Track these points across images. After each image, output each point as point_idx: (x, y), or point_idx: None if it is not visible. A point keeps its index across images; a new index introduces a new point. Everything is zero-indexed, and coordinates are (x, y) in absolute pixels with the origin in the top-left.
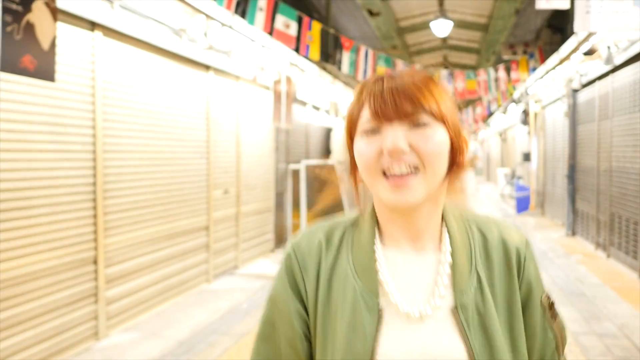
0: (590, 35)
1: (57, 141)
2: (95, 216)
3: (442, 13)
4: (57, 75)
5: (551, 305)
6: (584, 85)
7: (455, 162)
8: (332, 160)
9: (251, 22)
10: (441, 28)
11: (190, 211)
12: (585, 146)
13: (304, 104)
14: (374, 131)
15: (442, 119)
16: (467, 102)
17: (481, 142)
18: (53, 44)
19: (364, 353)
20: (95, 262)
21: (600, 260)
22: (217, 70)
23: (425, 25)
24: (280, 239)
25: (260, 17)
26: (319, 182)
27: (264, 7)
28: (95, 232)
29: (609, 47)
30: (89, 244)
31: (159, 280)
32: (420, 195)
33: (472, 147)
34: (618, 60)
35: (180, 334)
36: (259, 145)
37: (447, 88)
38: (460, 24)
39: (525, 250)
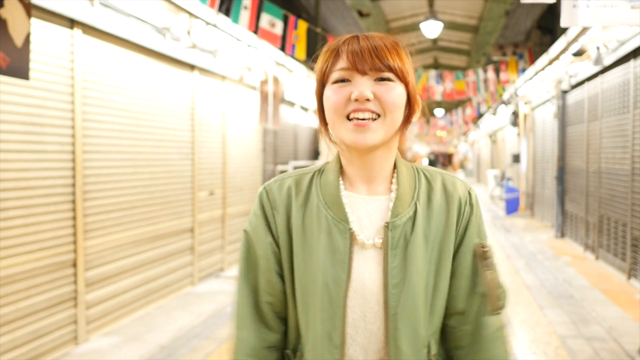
0: (579, 35)
1: (34, 141)
2: (74, 218)
3: (432, 14)
4: (32, 74)
5: (484, 256)
6: (573, 87)
7: (408, 117)
8: (321, 161)
9: (235, 20)
10: (431, 29)
11: (174, 213)
12: (575, 148)
13: (291, 104)
14: (344, 81)
15: (403, 78)
16: (457, 103)
17: (471, 144)
18: (27, 41)
19: (342, 270)
20: (74, 265)
21: (589, 262)
22: (202, 70)
23: (415, 27)
24: None
25: (245, 15)
26: None
27: (249, 6)
28: (74, 234)
29: (598, 48)
30: (68, 247)
31: (141, 283)
32: (378, 138)
33: (462, 149)
34: (607, 61)
35: (162, 338)
36: (245, 146)
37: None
38: (450, 25)
39: (468, 199)
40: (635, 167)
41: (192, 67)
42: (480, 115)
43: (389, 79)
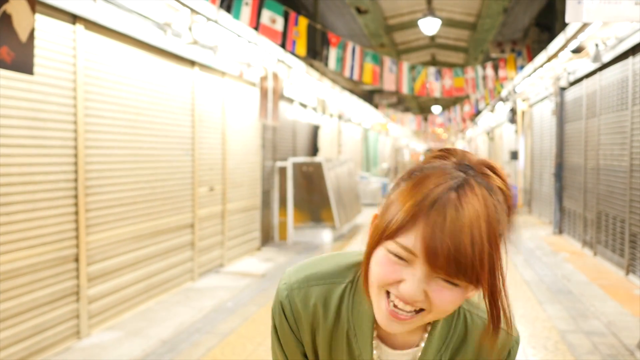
0: (578, 33)
1: (37, 136)
2: (76, 213)
3: (431, 11)
4: (36, 69)
5: None
6: (572, 84)
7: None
8: (319, 157)
9: (237, 16)
10: (429, 26)
11: (175, 208)
12: (573, 144)
13: (291, 101)
14: (403, 259)
15: (477, 286)
16: (455, 100)
17: (469, 141)
18: (31, 36)
19: None
20: (76, 259)
21: (587, 258)
22: (202, 66)
23: (413, 24)
24: (266, 237)
25: (246, 11)
26: (306, 179)
27: (250, 2)
28: (76, 229)
29: (597, 45)
30: (70, 242)
31: (143, 278)
32: (413, 328)
33: (459, 146)
34: (606, 58)
35: (164, 333)
36: (245, 143)
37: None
38: (448, 23)
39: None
40: (633, 164)
41: (192, 63)
42: (478, 112)
43: (456, 285)
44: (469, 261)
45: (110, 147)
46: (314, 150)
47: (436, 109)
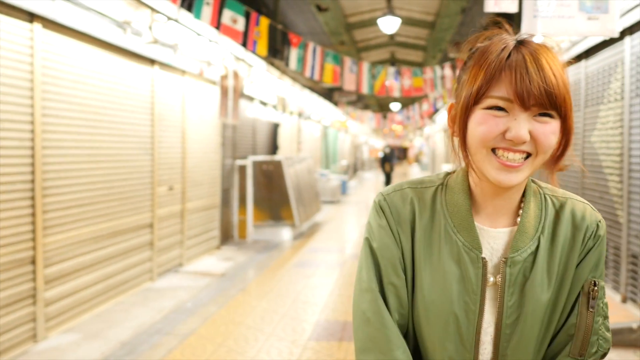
0: (532, 35)
1: None
2: (33, 214)
3: (390, 10)
4: None
5: (592, 294)
6: None
7: (562, 151)
8: (279, 156)
9: (197, 16)
10: (389, 25)
11: (133, 208)
12: None
13: (251, 99)
14: (499, 108)
15: (565, 115)
16: (414, 98)
17: (427, 138)
18: None
19: (472, 302)
20: (33, 262)
21: None
22: (162, 65)
23: (373, 22)
24: (226, 236)
25: (207, 11)
26: (265, 178)
27: (211, 2)
28: (33, 231)
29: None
30: (27, 244)
31: (101, 279)
32: (524, 177)
33: (417, 143)
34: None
35: (123, 335)
36: (205, 141)
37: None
38: (407, 21)
39: (595, 231)
40: (585, 164)
41: (152, 61)
42: (436, 111)
43: (550, 116)
44: (556, 90)
45: (69, 147)
46: (273, 148)
47: (395, 106)
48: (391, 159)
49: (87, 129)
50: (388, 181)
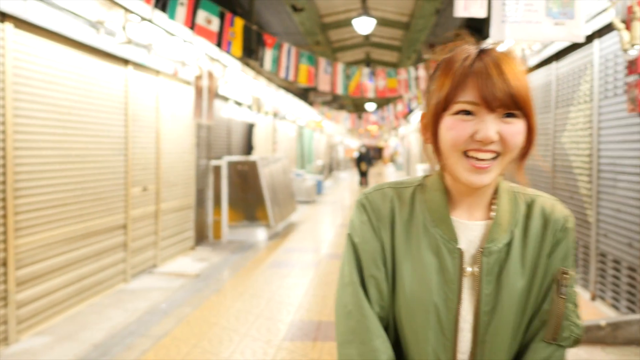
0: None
1: None
2: (5, 216)
3: (365, 10)
4: None
5: (562, 282)
6: None
7: (526, 149)
8: (254, 156)
9: (172, 16)
10: (364, 25)
11: (107, 209)
12: None
13: (226, 99)
14: (467, 113)
15: (529, 113)
16: (389, 98)
17: (401, 138)
18: None
19: (451, 291)
20: (4, 264)
21: None
22: (136, 65)
23: (348, 22)
24: (200, 236)
25: (181, 11)
26: (240, 178)
27: (185, 2)
28: (5, 232)
29: (523, 49)
30: None
31: (74, 281)
32: (494, 177)
33: (392, 143)
34: (532, 62)
35: (96, 337)
36: (179, 142)
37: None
38: (382, 22)
39: (563, 224)
40: (556, 164)
41: (126, 61)
42: (410, 111)
43: (514, 116)
44: (518, 91)
45: (41, 147)
46: (249, 148)
47: (370, 106)
48: (367, 158)
49: (60, 129)
50: (363, 181)
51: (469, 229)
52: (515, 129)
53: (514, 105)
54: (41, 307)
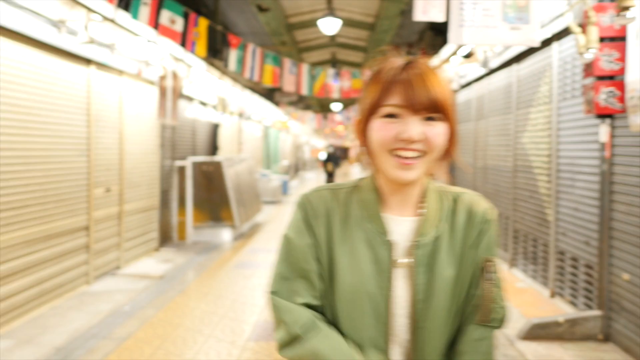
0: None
1: None
2: None
3: (331, 11)
4: None
5: (487, 269)
6: (463, 87)
7: (448, 150)
8: (219, 157)
9: (135, 16)
10: (329, 26)
11: (68, 211)
12: (463, 144)
13: (190, 99)
14: (393, 116)
15: (449, 116)
16: (354, 99)
17: None
18: None
19: (385, 279)
20: None
21: None
22: (99, 65)
23: (314, 23)
24: (165, 237)
25: (145, 11)
26: (205, 178)
27: (149, 1)
28: None
29: (485, 52)
30: None
31: (35, 283)
32: (420, 174)
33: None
34: (493, 64)
35: (58, 340)
36: (143, 142)
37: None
38: (348, 23)
39: (485, 217)
40: (517, 164)
41: (88, 61)
42: None
43: (436, 119)
44: (440, 96)
45: (0, 148)
46: (214, 148)
47: (336, 106)
48: (334, 159)
49: (19, 130)
50: (330, 181)
51: (400, 224)
52: (437, 130)
53: (435, 108)
54: (1, 311)
